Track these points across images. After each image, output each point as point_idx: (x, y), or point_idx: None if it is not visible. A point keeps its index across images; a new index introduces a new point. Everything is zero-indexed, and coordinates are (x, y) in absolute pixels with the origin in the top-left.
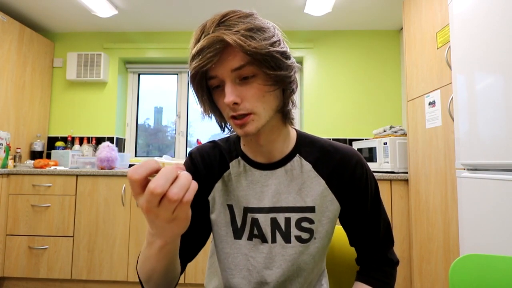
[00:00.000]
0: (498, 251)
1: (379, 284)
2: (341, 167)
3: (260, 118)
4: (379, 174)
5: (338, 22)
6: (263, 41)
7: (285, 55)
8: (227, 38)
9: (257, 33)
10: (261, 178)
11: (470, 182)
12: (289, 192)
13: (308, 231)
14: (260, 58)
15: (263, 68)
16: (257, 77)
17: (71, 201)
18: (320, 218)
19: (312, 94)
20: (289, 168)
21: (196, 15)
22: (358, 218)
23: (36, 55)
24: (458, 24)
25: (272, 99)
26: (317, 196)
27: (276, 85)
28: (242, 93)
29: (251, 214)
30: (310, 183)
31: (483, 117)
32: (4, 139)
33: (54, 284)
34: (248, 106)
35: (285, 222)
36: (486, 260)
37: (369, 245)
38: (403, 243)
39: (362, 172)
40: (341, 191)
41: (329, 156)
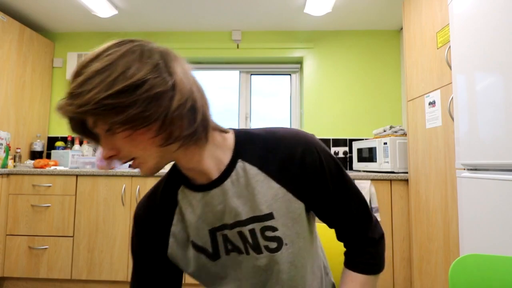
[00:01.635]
0: (498, 251)
1: (367, 268)
2: (288, 160)
3: (146, 159)
4: (379, 174)
5: (338, 22)
6: (94, 90)
7: (131, 89)
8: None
9: (88, 83)
10: (211, 199)
11: (470, 182)
12: (243, 203)
13: (274, 240)
14: (96, 113)
15: (108, 119)
16: (113, 127)
17: (71, 201)
18: (284, 222)
19: (312, 94)
20: (235, 178)
21: (196, 15)
22: (326, 204)
23: (36, 55)
24: (458, 24)
25: (147, 138)
26: (272, 201)
27: (133, 127)
28: (114, 143)
29: (219, 232)
30: (260, 188)
31: (483, 117)
32: (4, 139)
33: (54, 284)
34: (123, 154)
35: (250, 234)
36: (486, 260)
37: (346, 227)
38: (403, 243)
39: (313, 159)
40: (297, 186)
41: (273, 151)
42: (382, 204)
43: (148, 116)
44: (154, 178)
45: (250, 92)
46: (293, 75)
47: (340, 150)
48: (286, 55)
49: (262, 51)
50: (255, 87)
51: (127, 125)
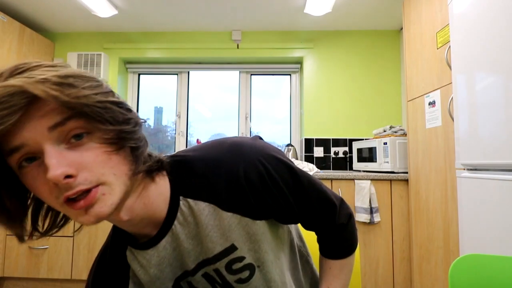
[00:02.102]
0: (498, 251)
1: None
2: (233, 183)
3: (114, 190)
4: (379, 174)
5: (338, 22)
6: (87, 89)
7: (123, 106)
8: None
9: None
10: (163, 253)
11: (470, 182)
12: (199, 242)
13: (245, 269)
14: (88, 110)
15: (97, 123)
16: (91, 135)
17: None
18: (249, 247)
19: (312, 94)
20: (181, 219)
21: (196, 15)
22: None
23: (36, 55)
24: (458, 24)
25: (121, 161)
26: (229, 232)
27: (121, 143)
28: (77, 160)
29: (183, 281)
30: (213, 221)
31: (483, 117)
32: None
33: (54, 284)
34: (90, 176)
35: (216, 273)
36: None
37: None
38: (403, 243)
39: (259, 174)
40: (251, 208)
41: (214, 177)
42: (382, 204)
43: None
44: None
45: (250, 92)
46: (293, 75)
47: (340, 150)
48: (286, 55)
49: (262, 51)
50: (255, 87)
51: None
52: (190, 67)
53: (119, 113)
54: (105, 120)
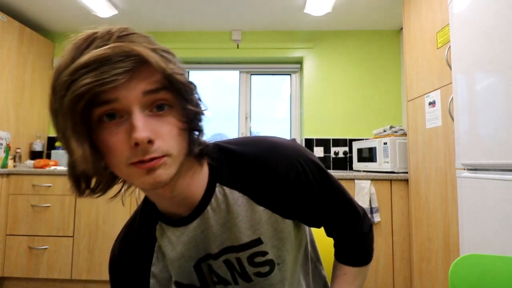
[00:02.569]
0: (498, 251)
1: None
2: (271, 180)
3: (175, 163)
4: (379, 174)
5: (338, 22)
6: (179, 68)
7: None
8: (144, 51)
9: (173, 57)
10: (193, 233)
11: (470, 182)
12: (227, 229)
13: (266, 264)
14: (176, 86)
15: (181, 100)
16: (173, 109)
17: (71, 201)
18: (273, 244)
19: (312, 94)
20: (215, 205)
21: (196, 15)
22: (315, 212)
23: (36, 55)
24: (458, 24)
25: (184, 140)
26: (258, 225)
27: (191, 124)
28: (156, 128)
29: (204, 263)
30: (244, 212)
31: (483, 117)
32: (4, 139)
33: (54, 284)
34: (163, 146)
35: (238, 262)
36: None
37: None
38: (403, 243)
39: (297, 174)
40: (283, 206)
41: (253, 171)
42: (382, 204)
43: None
44: None
45: (250, 92)
46: (293, 75)
47: (340, 150)
48: (286, 55)
49: (262, 51)
50: (255, 87)
51: (186, 116)
52: (190, 67)
53: (195, 97)
54: (188, 99)
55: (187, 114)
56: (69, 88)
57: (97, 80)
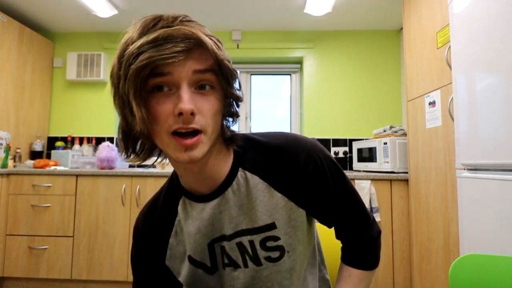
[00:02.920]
0: (498, 251)
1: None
2: (291, 169)
3: (209, 140)
4: (379, 174)
5: (338, 22)
6: (226, 54)
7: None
8: (202, 36)
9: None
10: (212, 210)
11: (470, 182)
12: (243, 212)
13: (277, 249)
14: (224, 70)
15: (223, 81)
16: (214, 89)
17: (71, 201)
18: (286, 230)
19: (312, 94)
20: (236, 187)
21: (196, 15)
22: (327, 208)
23: (36, 55)
24: (458, 24)
25: (219, 120)
26: (274, 210)
27: (228, 105)
28: (199, 104)
29: (217, 244)
30: (262, 197)
31: (483, 117)
32: (4, 139)
33: (54, 284)
34: (202, 121)
35: (250, 245)
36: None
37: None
38: (403, 243)
39: (316, 166)
40: (299, 195)
41: (275, 159)
42: (382, 204)
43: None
44: (154, 178)
45: (250, 92)
46: (293, 75)
47: (340, 150)
48: (286, 55)
49: (262, 51)
50: (255, 87)
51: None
52: None
53: (234, 81)
54: (229, 83)
55: (226, 97)
56: (136, 58)
57: (160, 54)
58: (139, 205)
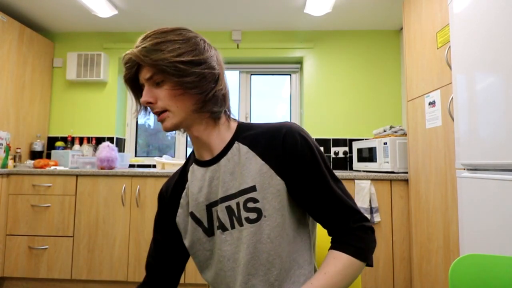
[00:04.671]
0: (498, 251)
1: (351, 249)
2: (272, 140)
3: (175, 115)
4: (379, 174)
5: (338, 22)
6: (168, 53)
7: (193, 63)
8: (135, 58)
9: (164, 46)
10: (210, 174)
11: (470, 182)
12: (234, 178)
13: (254, 211)
14: (162, 69)
15: (168, 76)
16: (165, 82)
17: (71, 201)
18: (264, 195)
19: (312, 94)
20: (230, 156)
21: (196, 15)
22: (304, 189)
23: (36, 55)
24: (458, 24)
25: (187, 100)
26: (256, 174)
27: (184, 89)
28: (155, 94)
29: (214, 208)
30: (249, 164)
31: (483, 117)
32: (4, 139)
33: (54, 284)
34: (161, 104)
35: (237, 207)
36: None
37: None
38: (403, 243)
39: (294, 141)
40: (278, 165)
41: (263, 134)
42: (382, 204)
43: (197, 86)
44: (154, 178)
45: (250, 92)
46: (293, 75)
47: (340, 150)
48: (286, 55)
49: (262, 51)
50: (255, 87)
51: (180, 86)
52: None
53: (184, 69)
54: (172, 74)
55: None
56: None
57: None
58: (139, 205)
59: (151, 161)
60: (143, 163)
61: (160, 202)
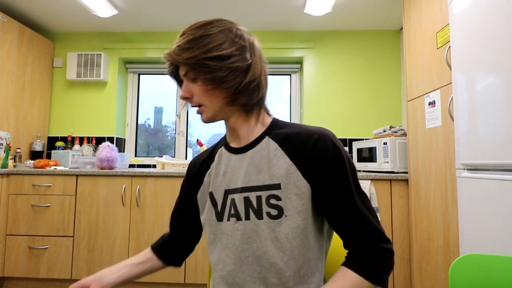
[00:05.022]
0: (498, 251)
1: (363, 269)
2: (304, 143)
3: (209, 109)
4: (379, 174)
5: (338, 22)
6: (197, 50)
7: (221, 58)
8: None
9: (195, 42)
10: (235, 162)
11: (470, 182)
12: (258, 171)
13: (276, 208)
14: (192, 67)
15: (199, 73)
16: (198, 79)
17: (71, 201)
18: (288, 194)
19: (312, 94)
20: (258, 149)
21: (196, 15)
22: (327, 196)
23: (36, 55)
24: (458, 24)
25: (218, 94)
26: (283, 173)
27: (214, 84)
28: (192, 89)
29: (230, 195)
30: (276, 161)
31: (483, 117)
32: (4, 139)
33: (54, 284)
34: (196, 99)
35: (257, 200)
36: (486, 260)
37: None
38: (403, 243)
39: (325, 147)
40: (306, 167)
41: (295, 135)
42: (382, 204)
43: (226, 81)
44: (154, 178)
45: None
46: (293, 75)
47: None
48: (286, 55)
49: (262, 51)
50: None
51: (210, 82)
52: None
53: (212, 65)
54: (202, 71)
55: (206, 79)
56: None
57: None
58: (139, 205)
59: (151, 161)
60: (143, 163)
61: (187, 173)
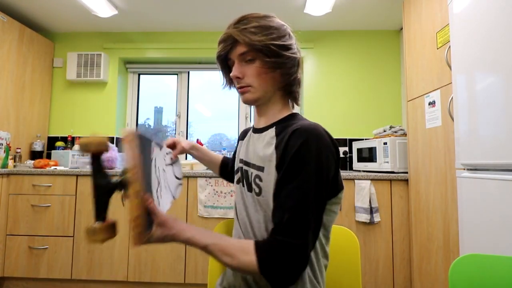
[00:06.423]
0: (498, 251)
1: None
2: (287, 136)
3: (257, 90)
4: (379, 174)
5: (338, 22)
6: (263, 36)
7: (284, 47)
8: (235, 35)
9: (261, 30)
10: (252, 139)
11: (470, 182)
12: (255, 152)
13: (258, 187)
14: (257, 48)
15: (260, 55)
16: (256, 61)
17: (71, 201)
18: (266, 178)
19: (312, 94)
20: (263, 134)
21: (196, 15)
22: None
23: (36, 55)
24: (458, 24)
25: (270, 79)
26: (266, 159)
27: (271, 69)
28: (244, 70)
29: (241, 165)
30: (267, 148)
31: (483, 117)
32: (4, 139)
33: (54, 284)
34: (247, 80)
35: (251, 175)
36: (486, 260)
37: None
38: (403, 243)
39: (293, 143)
40: (279, 158)
41: (289, 128)
42: (382, 204)
43: (283, 68)
44: None
45: None
46: None
47: (340, 150)
48: None
49: None
50: None
51: (269, 65)
52: (190, 67)
53: (277, 52)
54: (266, 55)
55: (265, 62)
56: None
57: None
58: None
59: None
60: None
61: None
